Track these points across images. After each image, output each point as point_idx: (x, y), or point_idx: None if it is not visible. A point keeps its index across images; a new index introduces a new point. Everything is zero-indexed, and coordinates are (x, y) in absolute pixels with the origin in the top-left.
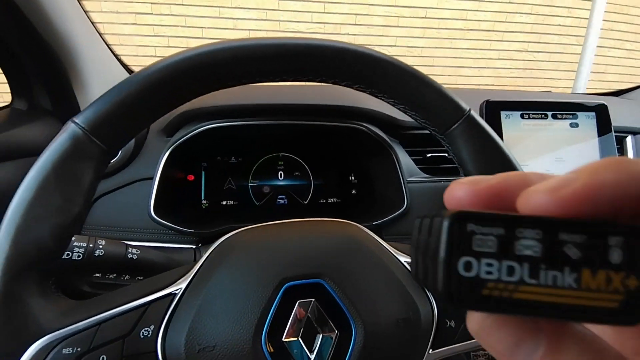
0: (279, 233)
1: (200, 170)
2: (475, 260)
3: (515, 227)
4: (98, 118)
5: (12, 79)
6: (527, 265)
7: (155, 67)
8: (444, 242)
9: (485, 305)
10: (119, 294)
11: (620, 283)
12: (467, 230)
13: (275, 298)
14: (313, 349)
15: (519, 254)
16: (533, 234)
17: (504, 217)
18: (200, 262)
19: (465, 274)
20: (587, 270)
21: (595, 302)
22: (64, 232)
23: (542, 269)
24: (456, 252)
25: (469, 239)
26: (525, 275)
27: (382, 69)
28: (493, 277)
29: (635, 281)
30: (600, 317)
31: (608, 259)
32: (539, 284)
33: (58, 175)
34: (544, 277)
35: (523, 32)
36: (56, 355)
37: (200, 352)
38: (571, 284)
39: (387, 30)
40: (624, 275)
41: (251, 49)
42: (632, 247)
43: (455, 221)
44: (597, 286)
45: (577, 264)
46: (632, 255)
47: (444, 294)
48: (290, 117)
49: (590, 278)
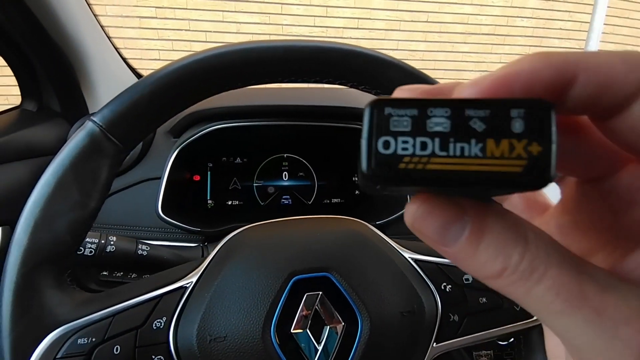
0: (286, 229)
1: (206, 171)
2: (393, 138)
3: (427, 108)
4: (115, 117)
5: (22, 80)
6: (438, 140)
7: (168, 69)
8: (365, 125)
9: (403, 179)
10: (132, 287)
11: (523, 149)
12: (384, 114)
13: (283, 291)
14: (320, 340)
15: (430, 131)
16: (442, 112)
17: (417, 100)
18: (210, 257)
19: (384, 151)
20: (491, 140)
21: (501, 167)
22: (80, 226)
23: (451, 142)
24: (376, 133)
25: (386, 121)
26: (436, 148)
27: (387, 71)
28: (408, 152)
29: (538, 147)
30: (506, 182)
31: (510, 129)
32: (448, 155)
33: (76, 171)
34: (452, 148)
35: (524, 36)
36: (71, 345)
37: (211, 342)
38: (477, 153)
39: (389, 34)
40: (527, 142)
41: (260, 51)
42: (533, 117)
43: (374, 107)
44: (501, 154)
45: (482, 135)
46: (533, 124)
47: (367, 172)
48: (295, 118)
49: (494, 147)
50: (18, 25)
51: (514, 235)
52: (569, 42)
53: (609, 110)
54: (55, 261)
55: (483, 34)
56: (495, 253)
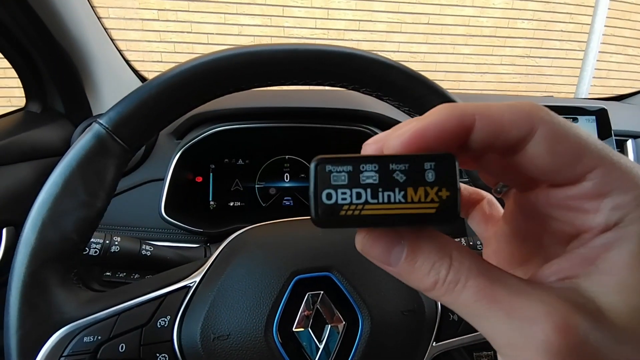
0: (289, 229)
1: (209, 172)
2: (334, 191)
3: (359, 164)
4: (120, 119)
5: (26, 82)
6: (369, 190)
7: (173, 71)
8: (312, 180)
9: (344, 223)
10: (137, 286)
11: (435, 194)
12: (326, 171)
13: (286, 290)
14: (322, 339)
15: (363, 183)
16: (372, 167)
17: (351, 158)
18: (213, 256)
19: (327, 202)
20: (411, 188)
21: (420, 210)
22: (87, 226)
23: (380, 191)
24: (320, 186)
25: (328, 176)
26: (368, 197)
27: (387, 73)
28: (347, 201)
29: (446, 192)
30: (424, 221)
31: (425, 178)
32: (378, 202)
33: (83, 171)
34: (381, 196)
35: (525, 38)
36: (77, 343)
37: (214, 341)
38: (400, 199)
39: (390, 36)
40: (437, 189)
41: (263, 54)
42: (441, 168)
43: (318, 165)
44: (419, 199)
45: (403, 184)
46: (441, 173)
47: (315, 219)
48: (296, 120)
49: (413, 193)
50: (23, 27)
51: (441, 254)
52: (570, 43)
53: (508, 150)
54: (62, 260)
55: (484, 36)
56: (427, 269)
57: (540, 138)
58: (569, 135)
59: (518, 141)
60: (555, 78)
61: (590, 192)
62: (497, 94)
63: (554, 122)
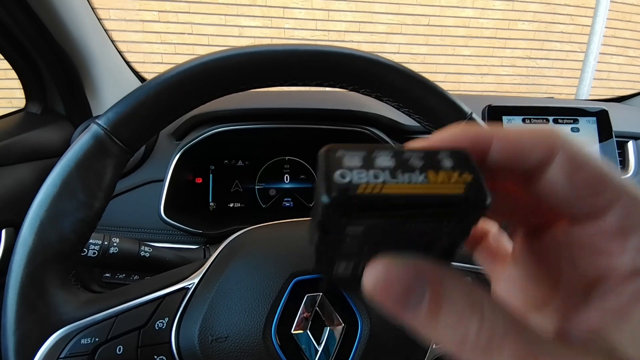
0: (288, 230)
1: (208, 173)
2: (348, 171)
3: (372, 151)
4: (118, 120)
5: (26, 83)
6: (387, 171)
7: (171, 72)
8: (321, 166)
9: (363, 203)
10: (135, 287)
11: (459, 176)
12: (337, 155)
13: (284, 292)
14: (320, 341)
15: (378, 166)
16: (386, 154)
17: (363, 146)
18: (211, 258)
19: (341, 180)
20: (432, 171)
21: (446, 190)
22: (85, 226)
23: (399, 172)
24: (333, 167)
25: (340, 159)
26: (387, 177)
27: (387, 74)
28: (363, 180)
29: (469, 175)
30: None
31: (442, 165)
32: (398, 181)
33: (81, 172)
34: (401, 177)
35: (525, 39)
36: (75, 345)
37: (213, 343)
38: (422, 180)
39: (390, 37)
40: (459, 173)
41: (263, 55)
42: (456, 157)
43: (327, 152)
44: (442, 180)
45: (422, 168)
46: (458, 162)
47: (328, 202)
48: (296, 121)
49: (435, 175)
50: (23, 29)
51: (472, 303)
52: (571, 45)
53: (527, 176)
54: (60, 260)
55: (484, 38)
56: (454, 321)
57: (560, 164)
58: (589, 163)
59: (537, 165)
60: (556, 79)
61: (613, 229)
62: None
63: (574, 148)
